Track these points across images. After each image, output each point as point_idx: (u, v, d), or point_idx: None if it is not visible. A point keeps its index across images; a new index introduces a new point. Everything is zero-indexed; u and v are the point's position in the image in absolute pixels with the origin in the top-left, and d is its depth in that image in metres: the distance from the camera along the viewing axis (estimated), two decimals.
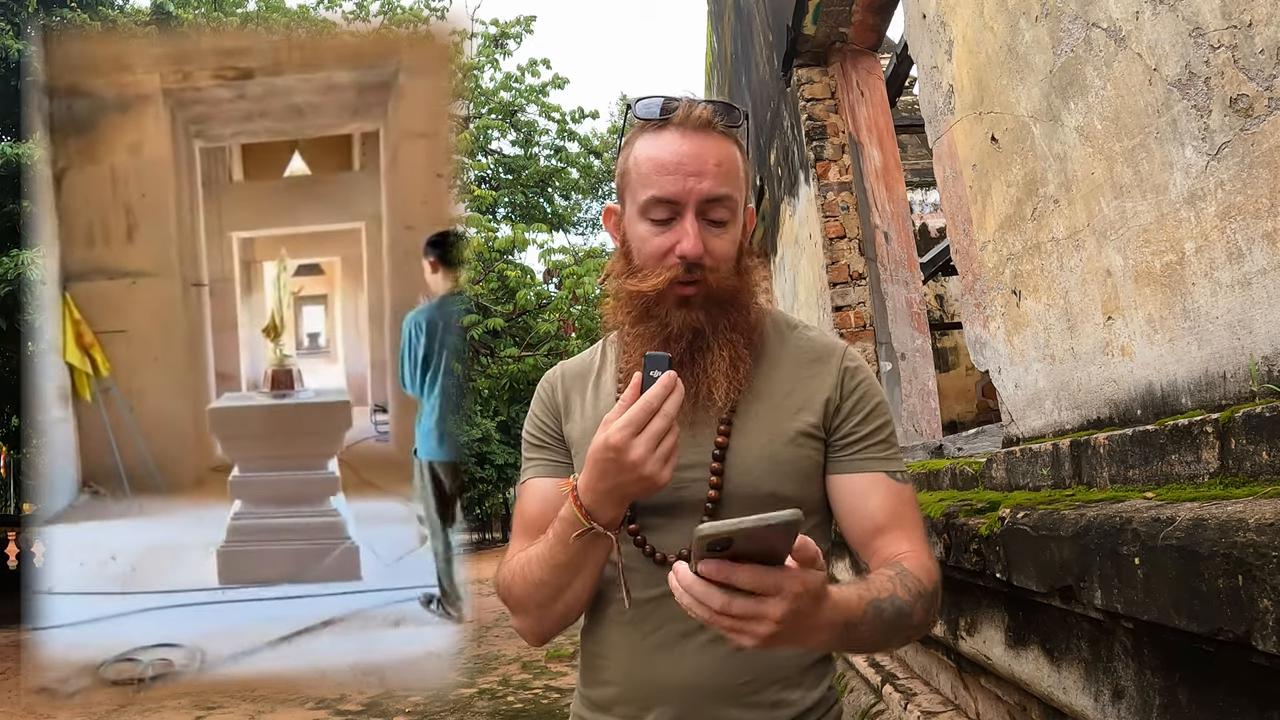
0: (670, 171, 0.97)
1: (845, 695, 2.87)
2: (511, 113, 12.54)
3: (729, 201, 0.98)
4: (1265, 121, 1.00)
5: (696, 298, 0.98)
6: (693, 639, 0.98)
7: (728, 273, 1.00)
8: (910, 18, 2.20)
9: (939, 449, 2.73)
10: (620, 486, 0.86)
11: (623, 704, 1.01)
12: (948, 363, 7.95)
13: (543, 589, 0.96)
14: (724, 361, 0.98)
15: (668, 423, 0.83)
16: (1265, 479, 0.94)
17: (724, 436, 1.00)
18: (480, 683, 5.76)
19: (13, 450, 14.35)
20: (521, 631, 1.04)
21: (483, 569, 15.77)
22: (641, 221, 1.00)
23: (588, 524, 0.89)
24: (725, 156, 0.98)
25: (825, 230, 3.61)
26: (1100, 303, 1.40)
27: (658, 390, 0.83)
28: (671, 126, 0.99)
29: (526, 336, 11.58)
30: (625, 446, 0.83)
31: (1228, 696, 0.91)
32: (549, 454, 1.10)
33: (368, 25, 10.48)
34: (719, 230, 0.99)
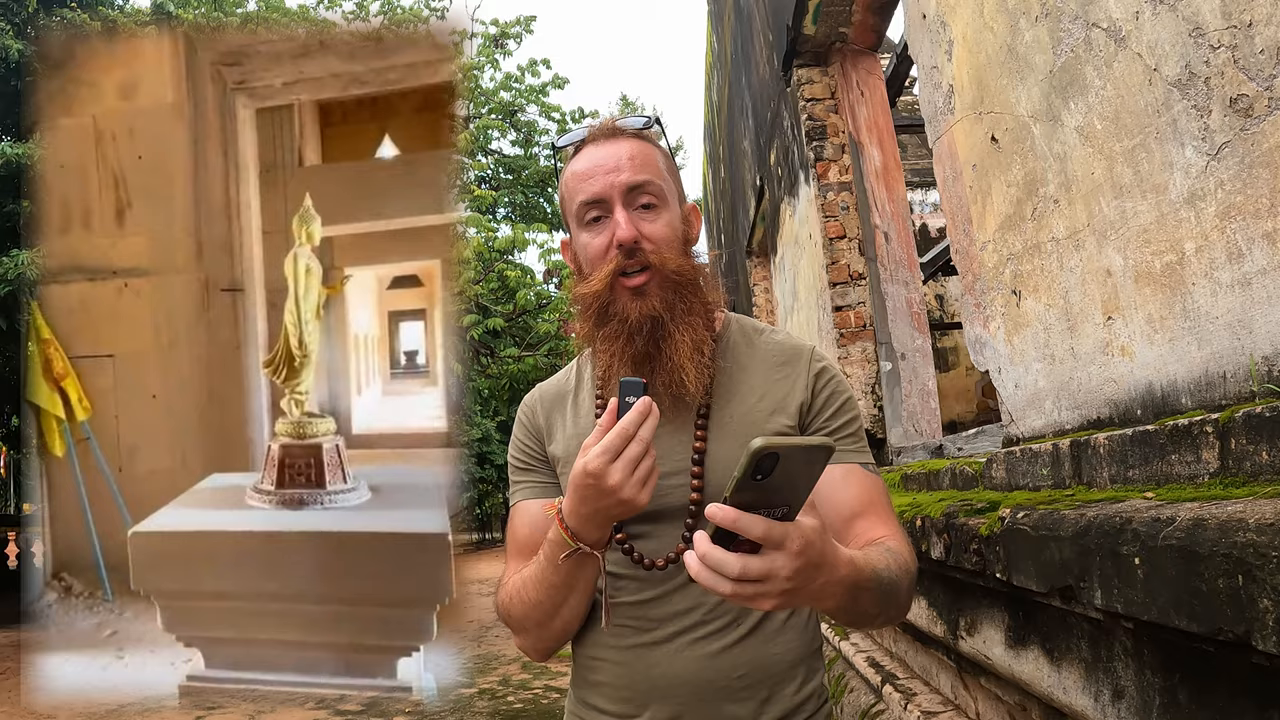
0: (590, 176, 1.03)
1: (845, 695, 2.87)
2: (511, 113, 12.54)
3: (651, 186, 1.03)
4: (1265, 121, 1.00)
5: (648, 285, 1.01)
6: (684, 637, 1.00)
7: (673, 254, 1.03)
8: (910, 18, 2.20)
9: (939, 449, 2.73)
10: (601, 510, 0.89)
11: (617, 704, 1.03)
12: (948, 363, 7.95)
13: (539, 609, 1.00)
14: (687, 345, 1.01)
15: (644, 447, 0.86)
16: (1265, 479, 0.94)
17: (701, 442, 1.03)
18: (480, 683, 5.76)
19: (13, 450, 14.34)
20: (525, 650, 1.08)
21: (482, 569, 15.77)
22: (582, 232, 1.05)
23: (574, 545, 0.92)
24: (638, 151, 1.05)
25: (825, 230, 3.61)
26: (1100, 303, 1.40)
27: (633, 416, 0.86)
28: (587, 145, 1.07)
29: (526, 336, 11.59)
30: (603, 473, 0.85)
31: (1228, 696, 0.91)
32: (535, 475, 1.14)
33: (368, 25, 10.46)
34: (650, 214, 1.03)
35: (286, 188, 5.15)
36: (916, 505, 1.93)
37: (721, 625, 1.00)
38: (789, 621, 1.04)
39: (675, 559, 1.00)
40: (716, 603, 1.00)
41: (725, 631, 1.00)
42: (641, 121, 1.09)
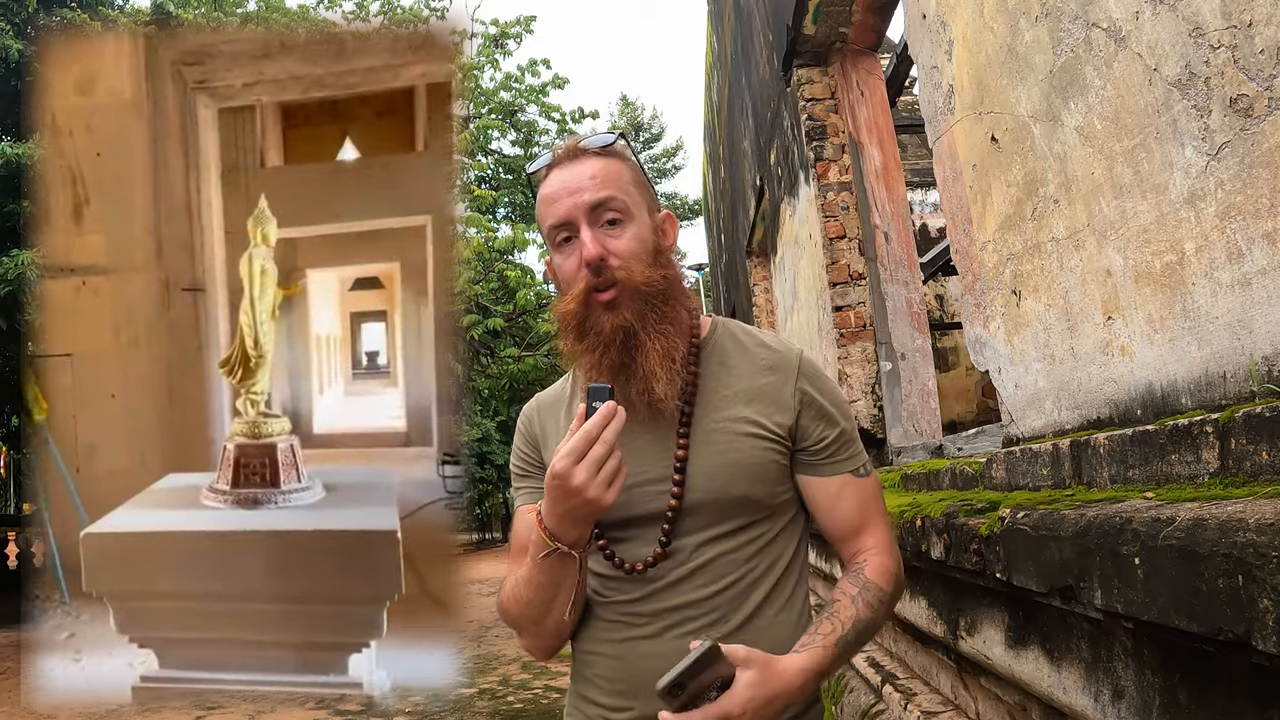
0: (556, 199, 1.06)
1: (845, 695, 2.87)
2: (511, 113, 12.54)
3: (614, 202, 1.06)
4: (1265, 121, 1.00)
5: (619, 299, 1.04)
6: (673, 632, 1.03)
7: (642, 267, 1.05)
8: (910, 18, 2.20)
9: (939, 449, 2.73)
10: (571, 511, 0.93)
11: (610, 696, 1.07)
12: (948, 363, 7.96)
13: (531, 607, 1.04)
14: (657, 353, 1.03)
15: (607, 449, 0.91)
16: (1265, 479, 0.94)
17: (683, 450, 1.05)
18: (480, 683, 5.76)
19: (13, 450, 14.33)
20: (528, 649, 1.12)
21: (482, 569, 15.77)
22: (556, 254, 1.09)
23: (552, 545, 0.96)
24: (600, 169, 1.07)
25: (825, 230, 3.61)
26: (1100, 303, 1.40)
27: (597, 419, 0.91)
28: (553, 169, 1.10)
29: (526, 336, 11.60)
30: (568, 474, 0.90)
31: (1228, 696, 0.91)
32: (533, 481, 1.18)
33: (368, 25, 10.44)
34: (616, 230, 1.06)
35: (249, 188, 5.18)
36: (916, 505, 1.93)
37: (712, 620, 1.03)
38: (778, 618, 1.06)
39: (654, 563, 1.04)
40: (704, 599, 1.03)
41: (716, 626, 1.03)
42: (605, 140, 1.11)
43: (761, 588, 1.05)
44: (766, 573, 1.06)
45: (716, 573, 1.04)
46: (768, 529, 1.08)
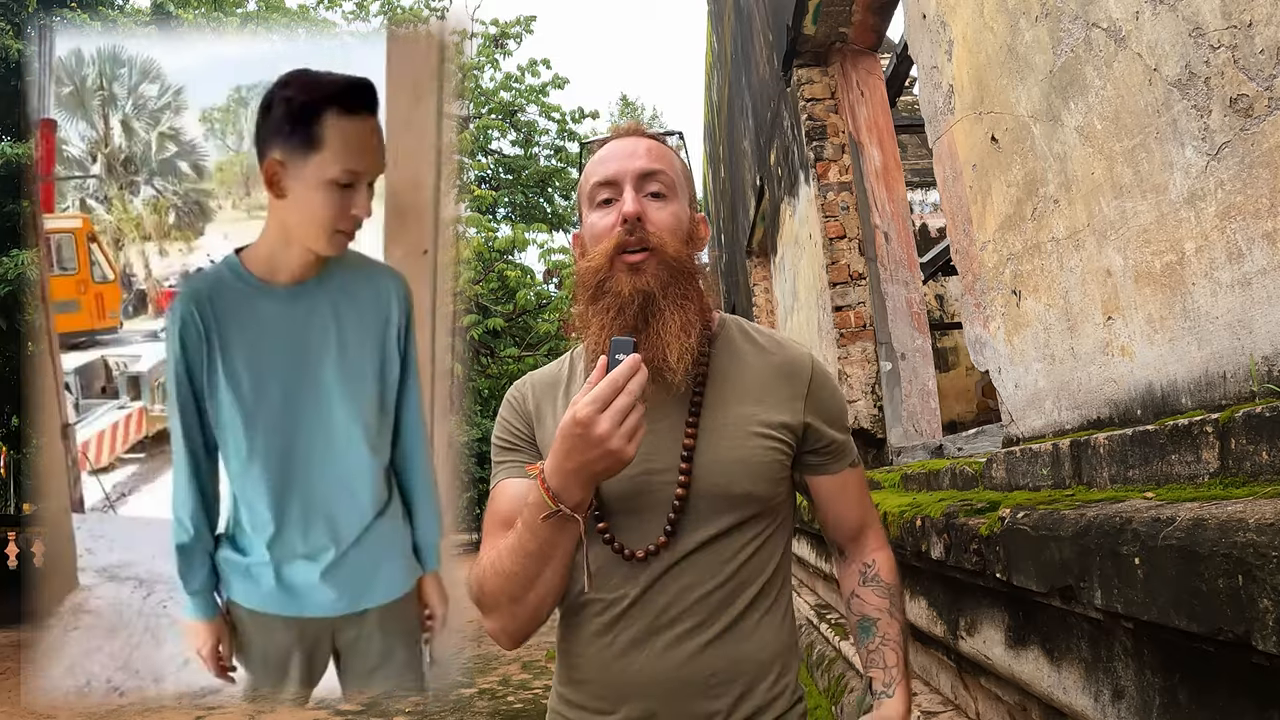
0: (607, 160, 1.08)
1: (845, 695, 2.87)
2: (511, 113, 12.55)
3: (663, 176, 1.07)
4: (1265, 121, 1.00)
5: (645, 264, 1.03)
6: (661, 636, 1.01)
7: (676, 242, 1.06)
8: (910, 18, 2.20)
9: (939, 449, 2.73)
10: (587, 464, 0.88)
11: (596, 700, 1.04)
12: (948, 363, 7.96)
13: (513, 580, 0.97)
14: (675, 324, 1.02)
15: (632, 399, 0.86)
16: (1265, 479, 0.94)
17: (691, 439, 1.04)
18: (480, 683, 5.76)
19: (13, 450, 14.34)
20: (494, 634, 1.04)
21: None
22: (592, 212, 1.09)
23: (555, 506, 0.90)
24: (654, 146, 1.10)
25: (825, 230, 3.61)
26: (1100, 303, 1.40)
27: (623, 369, 0.87)
28: (610, 141, 1.13)
29: (526, 336, 11.60)
30: (592, 421, 0.85)
31: (1228, 696, 0.91)
32: (521, 455, 1.13)
33: (368, 25, 10.45)
34: (659, 202, 1.07)
35: None
36: (916, 505, 1.93)
37: (698, 622, 1.01)
38: (764, 620, 1.06)
39: (655, 551, 1.01)
40: (695, 599, 1.02)
41: (702, 628, 1.01)
42: (666, 130, 1.15)
43: (750, 589, 1.05)
44: (757, 574, 1.06)
45: (710, 570, 1.02)
46: (762, 528, 1.07)
